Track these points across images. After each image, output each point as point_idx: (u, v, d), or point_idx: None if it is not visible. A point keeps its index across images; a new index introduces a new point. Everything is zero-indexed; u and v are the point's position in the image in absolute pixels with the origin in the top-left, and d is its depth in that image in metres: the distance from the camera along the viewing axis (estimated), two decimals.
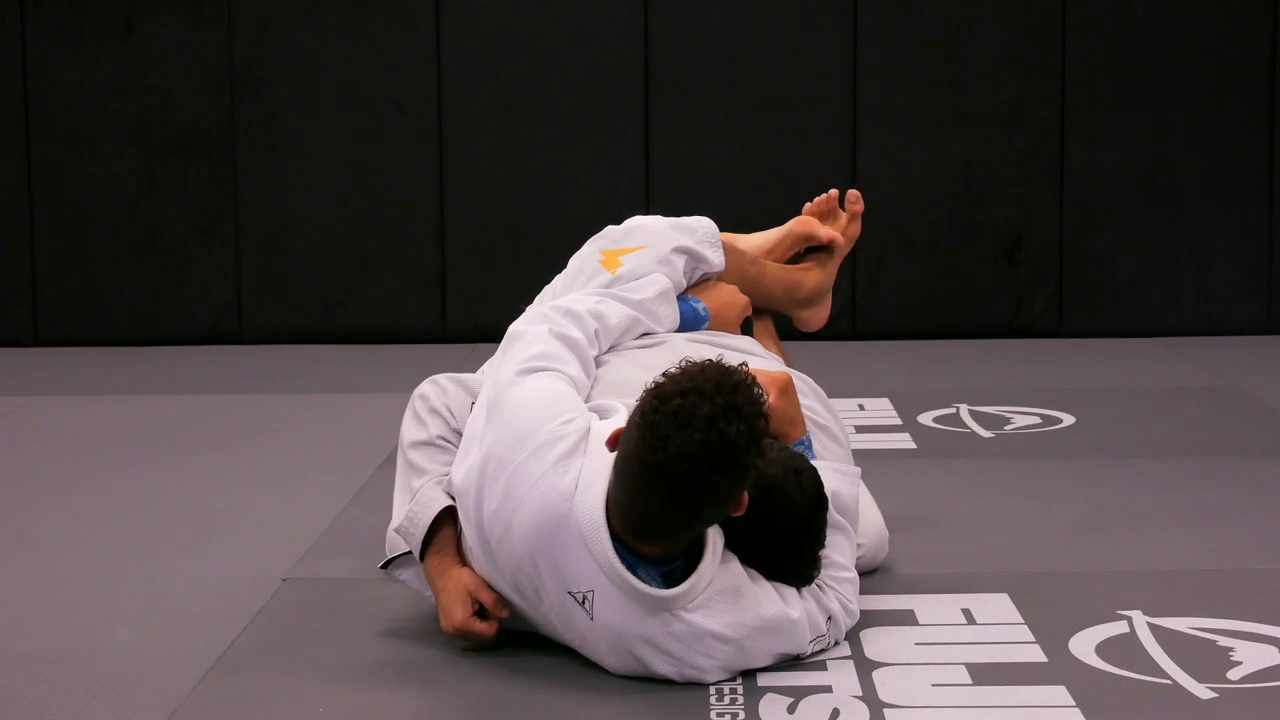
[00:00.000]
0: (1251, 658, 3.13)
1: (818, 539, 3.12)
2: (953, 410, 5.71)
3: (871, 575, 3.70)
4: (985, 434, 5.37)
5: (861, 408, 5.78)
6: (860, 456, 5.03)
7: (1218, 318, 7.40)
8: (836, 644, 3.19)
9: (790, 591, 3.11)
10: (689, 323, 3.63)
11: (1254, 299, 7.42)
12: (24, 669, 3.21)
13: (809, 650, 3.12)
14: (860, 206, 4.16)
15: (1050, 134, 7.38)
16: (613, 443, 2.92)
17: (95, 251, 7.56)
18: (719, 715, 2.89)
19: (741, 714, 2.89)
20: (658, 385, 2.85)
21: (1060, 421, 5.52)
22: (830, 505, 3.19)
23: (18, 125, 7.52)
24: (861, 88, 7.40)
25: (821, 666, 3.11)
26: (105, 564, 3.98)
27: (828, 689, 2.99)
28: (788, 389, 3.31)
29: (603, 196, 7.21)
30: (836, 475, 3.30)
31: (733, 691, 2.99)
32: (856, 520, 3.35)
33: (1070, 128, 7.38)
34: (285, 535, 4.13)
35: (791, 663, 3.11)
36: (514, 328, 3.37)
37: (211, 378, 6.77)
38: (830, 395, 5.93)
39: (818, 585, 3.16)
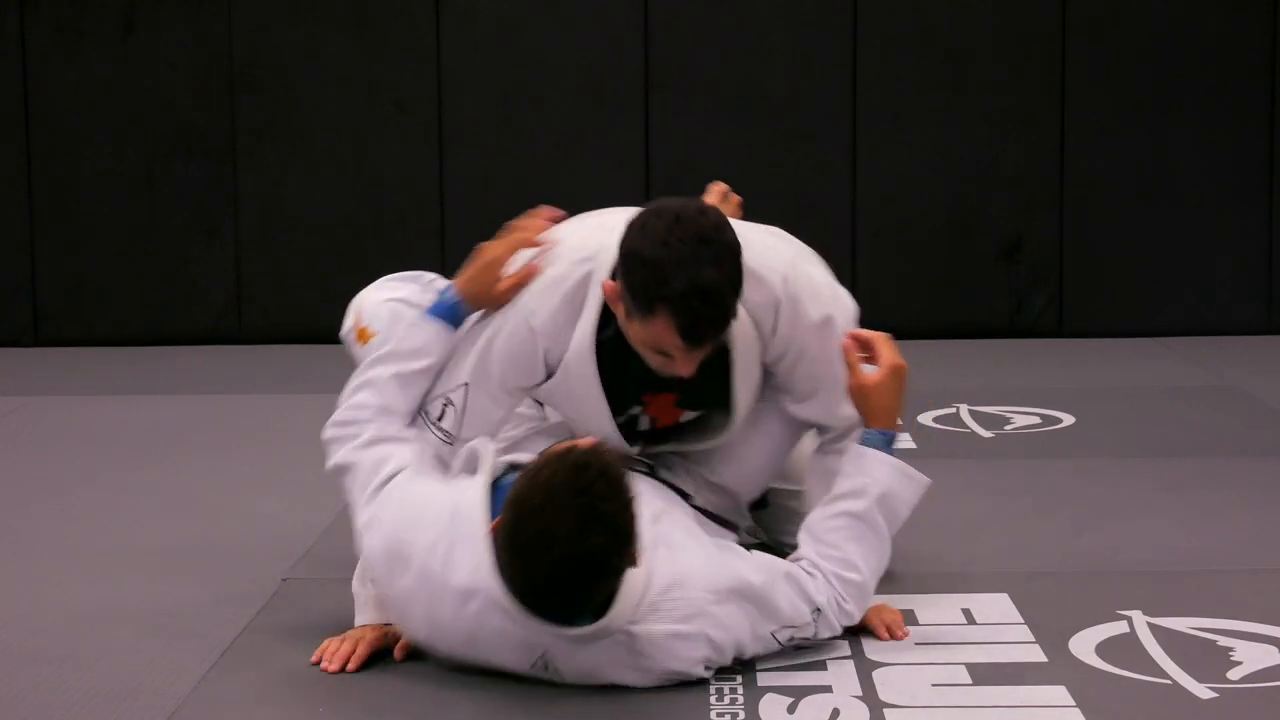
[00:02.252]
0: (1251, 658, 3.13)
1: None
2: (953, 410, 5.71)
3: None
4: (985, 434, 5.37)
5: None
6: None
7: (1218, 318, 7.40)
8: (818, 642, 3.12)
9: (765, 560, 3.08)
10: (449, 315, 3.32)
11: (1254, 299, 7.42)
12: (24, 669, 3.21)
13: (782, 639, 3.06)
14: None
15: (1050, 134, 7.38)
16: (493, 533, 2.90)
17: (95, 251, 7.56)
18: (719, 715, 2.89)
19: (741, 714, 2.89)
20: (518, 497, 2.77)
21: (1060, 421, 5.52)
22: (877, 504, 3.16)
23: (18, 125, 7.52)
24: (861, 88, 7.40)
25: (821, 666, 3.11)
26: (105, 564, 3.98)
27: (828, 689, 2.99)
28: (899, 373, 3.22)
29: (603, 196, 7.18)
30: (900, 478, 3.20)
31: (733, 691, 2.99)
32: (898, 525, 3.22)
33: (1070, 128, 7.38)
34: (285, 535, 4.13)
35: (791, 663, 3.11)
36: (339, 461, 3.22)
37: (211, 378, 6.77)
38: None
39: (820, 574, 3.12)
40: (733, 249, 3.02)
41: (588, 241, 3.26)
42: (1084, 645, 3.20)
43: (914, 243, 7.43)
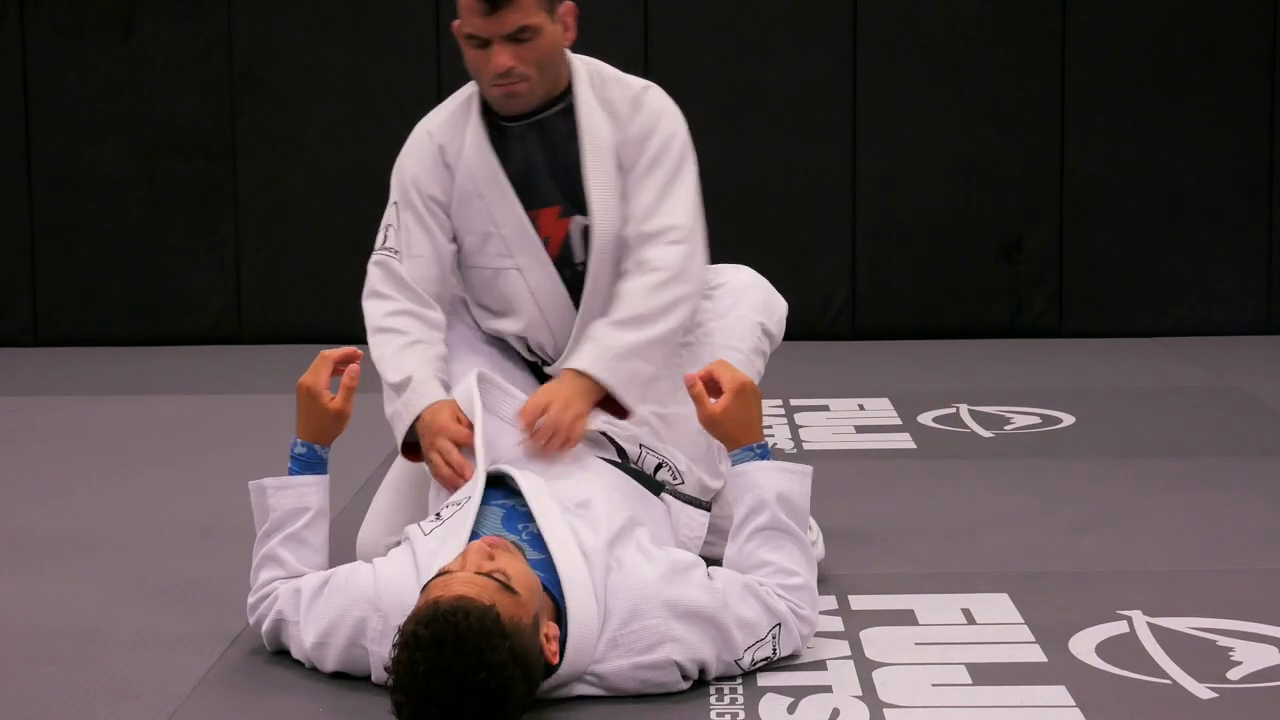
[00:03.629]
0: (1251, 658, 3.13)
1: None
2: (953, 410, 5.71)
3: (872, 576, 3.70)
4: (985, 434, 5.38)
5: (861, 408, 5.79)
6: (860, 456, 5.07)
7: (1217, 318, 7.40)
8: (778, 656, 3.09)
9: (724, 577, 3.05)
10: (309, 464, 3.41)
11: (1254, 299, 7.42)
12: (25, 669, 3.21)
13: (746, 660, 3.02)
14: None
15: (1050, 134, 7.39)
16: None
17: (95, 251, 7.56)
18: (719, 715, 2.89)
19: (741, 714, 2.89)
20: (392, 666, 2.68)
21: (1060, 421, 5.53)
22: (778, 508, 3.14)
23: (18, 125, 7.52)
24: (861, 88, 7.40)
25: (821, 666, 3.11)
26: (105, 563, 3.99)
27: (828, 689, 2.99)
28: (744, 391, 3.21)
29: None
30: (785, 475, 3.19)
31: (733, 692, 2.99)
32: (807, 521, 3.24)
33: (1070, 128, 7.38)
34: None
35: (791, 663, 3.11)
36: (265, 630, 3.25)
37: (211, 378, 6.78)
38: (830, 395, 5.97)
39: (764, 590, 3.08)
40: None
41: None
42: (1084, 645, 3.20)
43: (914, 243, 7.43)
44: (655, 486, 3.38)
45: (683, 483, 3.46)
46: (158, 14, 7.46)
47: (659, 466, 3.49)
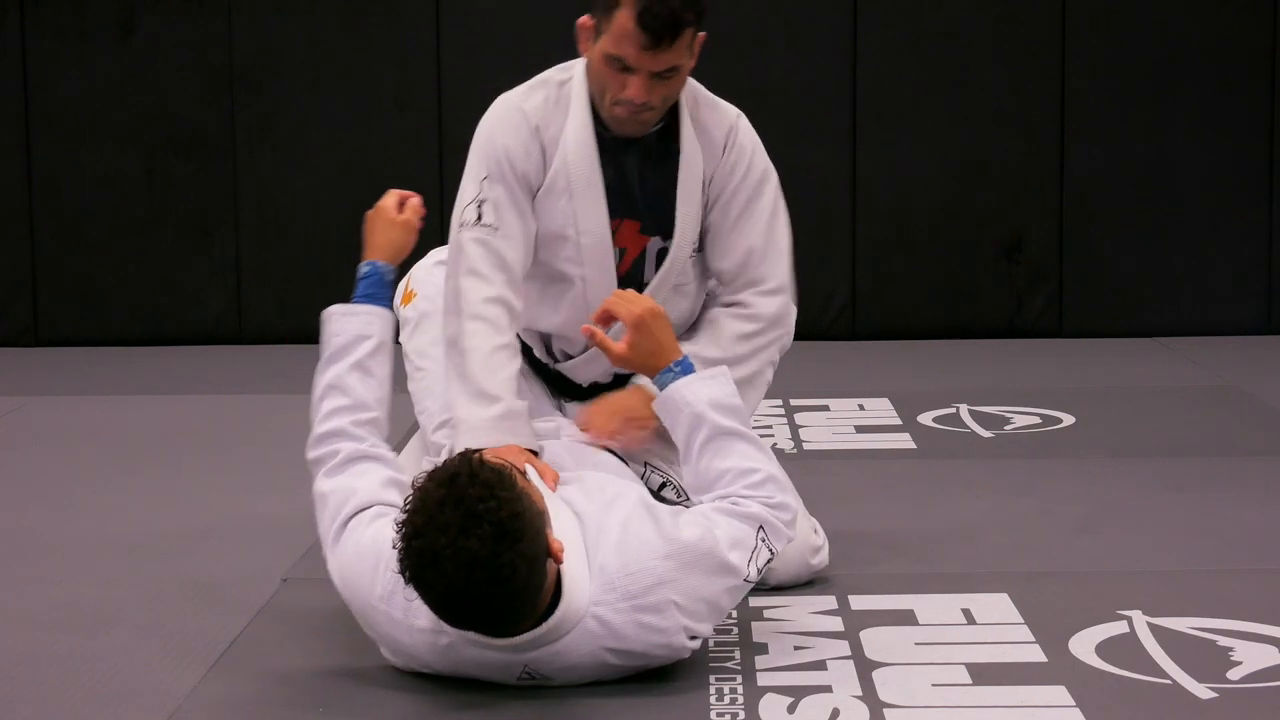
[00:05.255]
0: (1251, 658, 3.13)
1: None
2: (953, 410, 5.71)
3: (872, 576, 3.70)
4: (985, 434, 5.38)
5: (861, 408, 5.79)
6: (860, 456, 5.07)
7: (1217, 318, 7.41)
8: (777, 553, 3.11)
9: (691, 515, 3.06)
10: (374, 292, 3.42)
11: (1254, 299, 7.42)
12: (25, 669, 3.21)
13: (752, 572, 3.03)
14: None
15: (1050, 134, 7.39)
16: None
17: (95, 251, 7.56)
18: (719, 715, 2.89)
19: (741, 714, 2.89)
20: (401, 524, 2.75)
21: (1060, 421, 5.53)
22: (715, 414, 3.17)
23: (18, 125, 7.52)
24: (861, 88, 7.40)
25: (821, 666, 3.11)
26: (105, 564, 3.99)
27: (828, 689, 2.99)
28: (643, 323, 3.24)
29: None
30: (709, 383, 3.22)
31: (733, 692, 2.99)
32: (747, 418, 3.27)
33: (1070, 128, 7.38)
34: (285, 535, 4.13)
35: (791, 663, 3.11)
36: (316, 489, 3.20)
37: (211, 378, 6.78)
38: (830, 395, 5.98)
39: (732, 501, 3.10)
40: None
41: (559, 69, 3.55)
42: (1084, 645, 3.20)
43: (914, 243, 7.43)
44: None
45: (687, 501, 3.44)
46: (158, 14, 7.46)
47: (663, 485, 3.51)
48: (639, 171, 3.52)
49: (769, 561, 3.10)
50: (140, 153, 7.52)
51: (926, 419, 5.57)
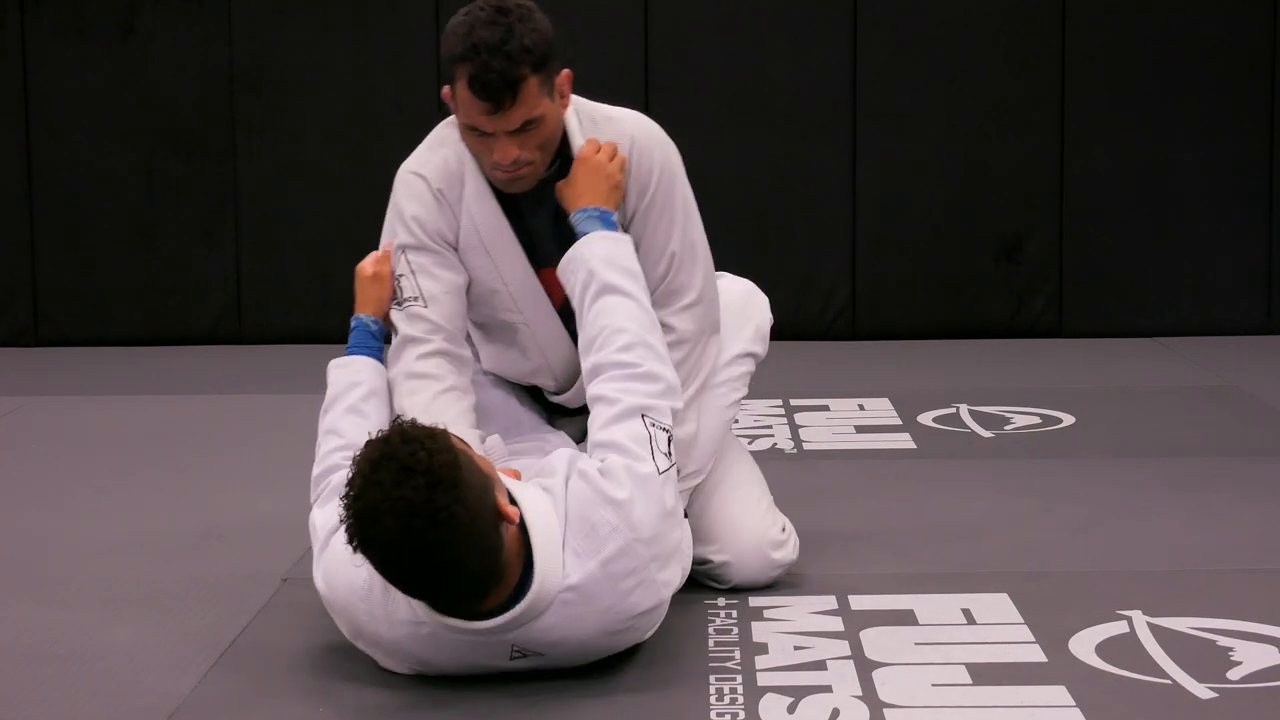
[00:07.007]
0: (1251, 658, 3.13)
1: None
2: (953, 410, 5.71)
3: (872, 576, 3.70)
4: (985, 434, 5.38)
5: (861, 408, 5.79)
6: (860, 456, 5.07)
7: (1217, 318, 7.40)
8: (669, 427, 3.12)
9: (603, 463, 3.07)
10: (366, 344, 3.53)
11: (1254, 299, 7.42)
12: (25, 669, 3.21)
13: (661, 461, 3.04)
14: None
15: (1050, 134, 7.39)
16: None
17: (95, 251, 7.56)
18: (719, 715, 2.89)
19: (741, 714, 2.89)
20: (344, 496, 2.78)
21: (1060, 421, 5.53)
22: (606, 271, 3.24)
23: (18, 125, 7.52)
24: (861, 88, 7.40)
25: (821, 666, 3.11)
26: (105, 564, 3.99)
27: (828, 689, 2.99)
28: (585, 160, 3.38)
29: None
30: (608, 242, 3.31)
31: (732, 692, 2.99)
32: (641, 279, 3.31)
33: (1070, 128, 7.38)
34: (285, 535, 4.13)
35: (791, 663, 3.11)
36: (311, 517, 3.29)
37: (211, 378, 6.77)
38: (830, 395, 5.98)
39: (607, 404, 3.13)
40: (530, 14, 3.28)
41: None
42: (1084, 645, 3.21)
43: (914, 243, 7.43)
44: None
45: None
46: (158, 14, 7.46)
47: None
48: (551, 219, 3.46)
49: (669, 440, 3.11)
50: (140, 153, 7.52)
51: (926, 419, 5.57)
